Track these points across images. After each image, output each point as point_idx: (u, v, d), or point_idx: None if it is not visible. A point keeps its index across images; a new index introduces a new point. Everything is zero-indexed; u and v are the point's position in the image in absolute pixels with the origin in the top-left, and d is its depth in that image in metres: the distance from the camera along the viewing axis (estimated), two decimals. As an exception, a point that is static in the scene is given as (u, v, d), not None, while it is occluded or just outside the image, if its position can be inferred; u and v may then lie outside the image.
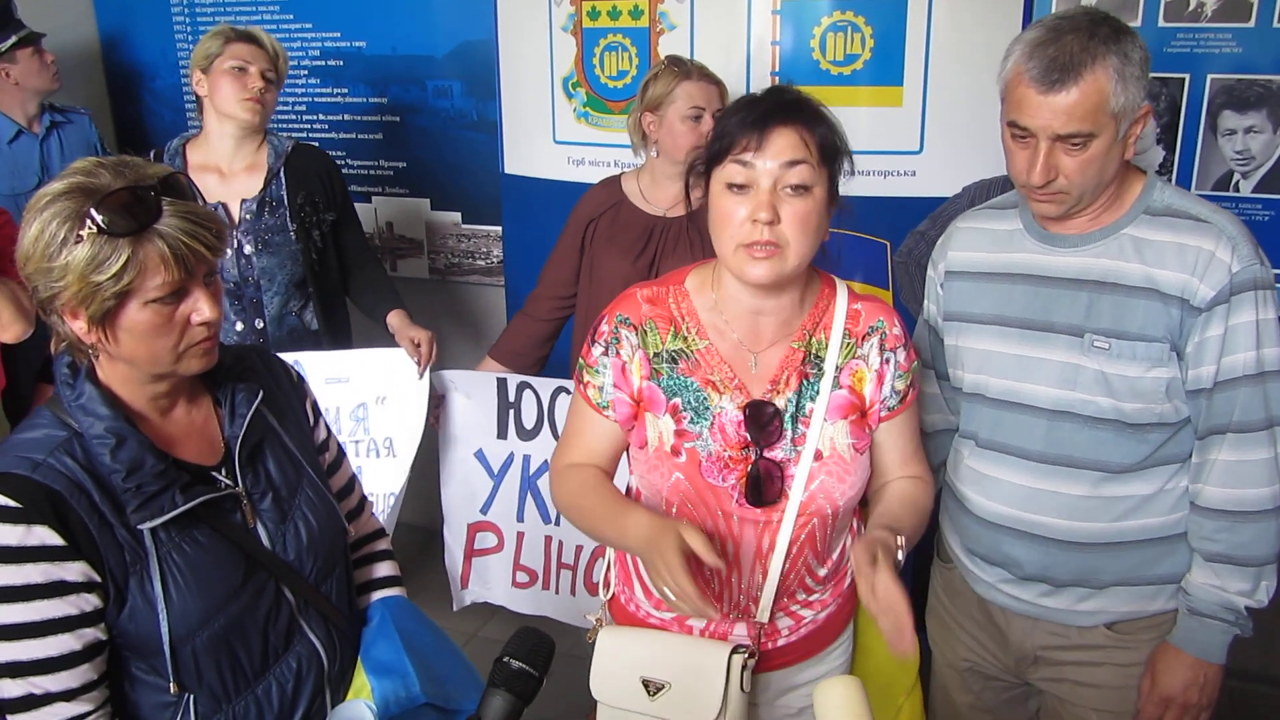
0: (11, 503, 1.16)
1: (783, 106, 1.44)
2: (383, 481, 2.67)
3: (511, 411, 2.74)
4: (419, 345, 2.63)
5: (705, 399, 1.54)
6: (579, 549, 2.76)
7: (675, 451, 1.55)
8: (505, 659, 1.23)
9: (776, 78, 2.72)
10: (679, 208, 2.47)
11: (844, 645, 1.72)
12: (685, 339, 1.56)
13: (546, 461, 2.57)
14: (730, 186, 1.44)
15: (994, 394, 1.71)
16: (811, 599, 1.63)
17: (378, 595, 1.59)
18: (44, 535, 1.16)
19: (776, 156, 1.41)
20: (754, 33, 2.72)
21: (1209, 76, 2.57)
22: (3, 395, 2.54)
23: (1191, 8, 2.53)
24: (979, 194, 2.46)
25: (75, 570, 1.18)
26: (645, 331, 1.57)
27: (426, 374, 2.66)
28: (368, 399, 2.68)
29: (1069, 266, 1.63)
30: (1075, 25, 1.49)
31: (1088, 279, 1.61)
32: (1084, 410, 1.62)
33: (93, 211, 1.16)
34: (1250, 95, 2.56)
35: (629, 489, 1.70)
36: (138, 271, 1.18)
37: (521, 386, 2.70)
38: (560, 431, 1.92)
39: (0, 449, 1.24)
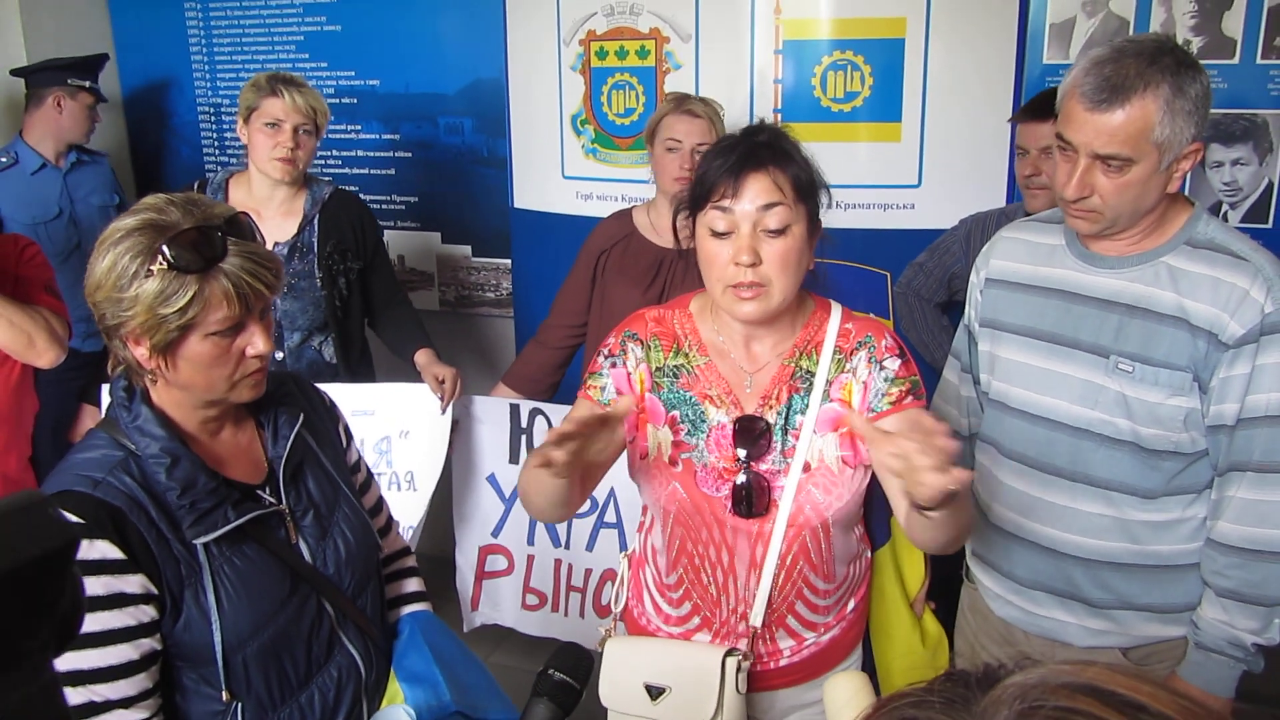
0: (74, 518, 1.22)
1: (755, 152, 1.50)
2: (403, 514, 2.70)
3: (524, 436, 2.80)
4: (443, 382, 2.68)
5: (702, 412, 1.61)
6: (588, 572, 2.82)
7: (673, 461, 1.62)
8: (549, 671, 1.30)
9: (779, 114, 2.81)
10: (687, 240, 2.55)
11: (852, 668, 1.74)
12: (686, 355, 1.64)
13: None
14: (713, 232, 1.52)
15: (1015, 404, 1.74)
16: (814, 619, 1.67)
17: (407, 610, 1.66)
18: (105, 549, 1.22)
19: (753, 201, 1.48)
20: (757, 71, 2.82)
21: (1195, 112, 2.66)
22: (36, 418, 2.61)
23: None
24: (975, 226, 2.55)
25: (134, 583, 1.24)
26: (650, 347, 1.66)
27: (449, 410, 2.72)
28: (391, 432, 2.74)
29: (1103, 287, 1.64)
30: (1140, 49, 1.50)
31: (1120, 301, 1.62)
32: (1103, 430, 1.64)
33: (164, 248, 1.23)
34: (1236, 129, 2.66)
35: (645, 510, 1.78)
36: (202, 306, 1.26)
37: (534, 412, 2.77)
38: None
39: (60, 468, 1.31)
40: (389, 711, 1.42)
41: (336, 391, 2.62)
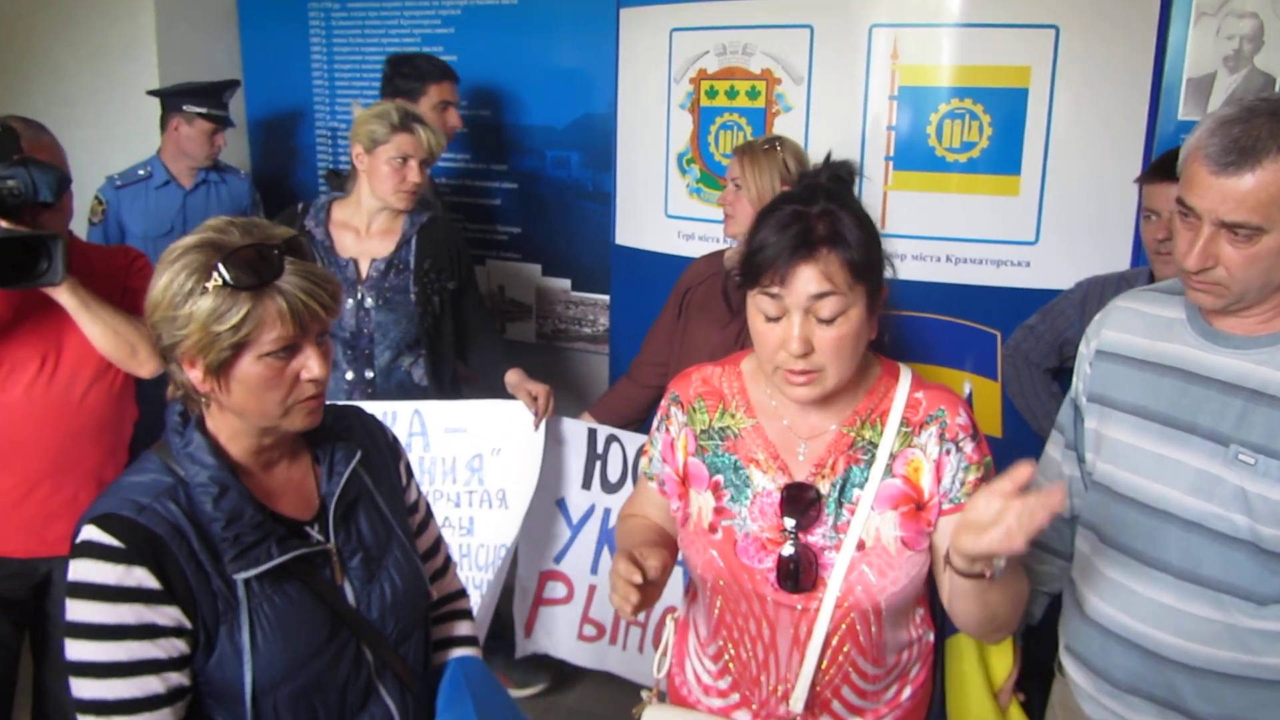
0: (115, 542, 1.20)
1: (804, 240, 1.38)
2: (495, 533, 2.71)
3: (599, 463, 2.77)
4: (536, 398, 2.68)
5: (747, 477, 1.52)
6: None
7: (712, 529, 1.53)
8: None
9: (890, 162, 2.71)
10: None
11: None
12: (732, 416, 1.56)
13: None
14: (764, 315, 1.42)
15: (1122, 489, 1.60)
16: (862, 704, 1.55)
17: (455, 653, 1.61)
18: (142, 577, 1.20)
19: (804, 290, 1.38)
20: (870, 117, 2.73)
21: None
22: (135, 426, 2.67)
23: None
24: (1093, 290, 2.40)
25: (167, 615, 1.22)
26: (694, 410, 1.59)
27: (542, 426, 2.70)
28: (484, 450, 2.73)
29: (1227, 368, 1.50)
30: (1273, 108, 1.37)
31: (1245, 385, 1.47)
32: (1217, 526, 1.49)
33: (220, 266, 1.22)
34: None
35: None
36: (255, 325, 1.24)
37: (610, 440, 2.73)
38: None
39: (109, 489, 1.30)
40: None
41: (429, 409, 2.71)
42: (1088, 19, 2.52)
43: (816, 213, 1.41)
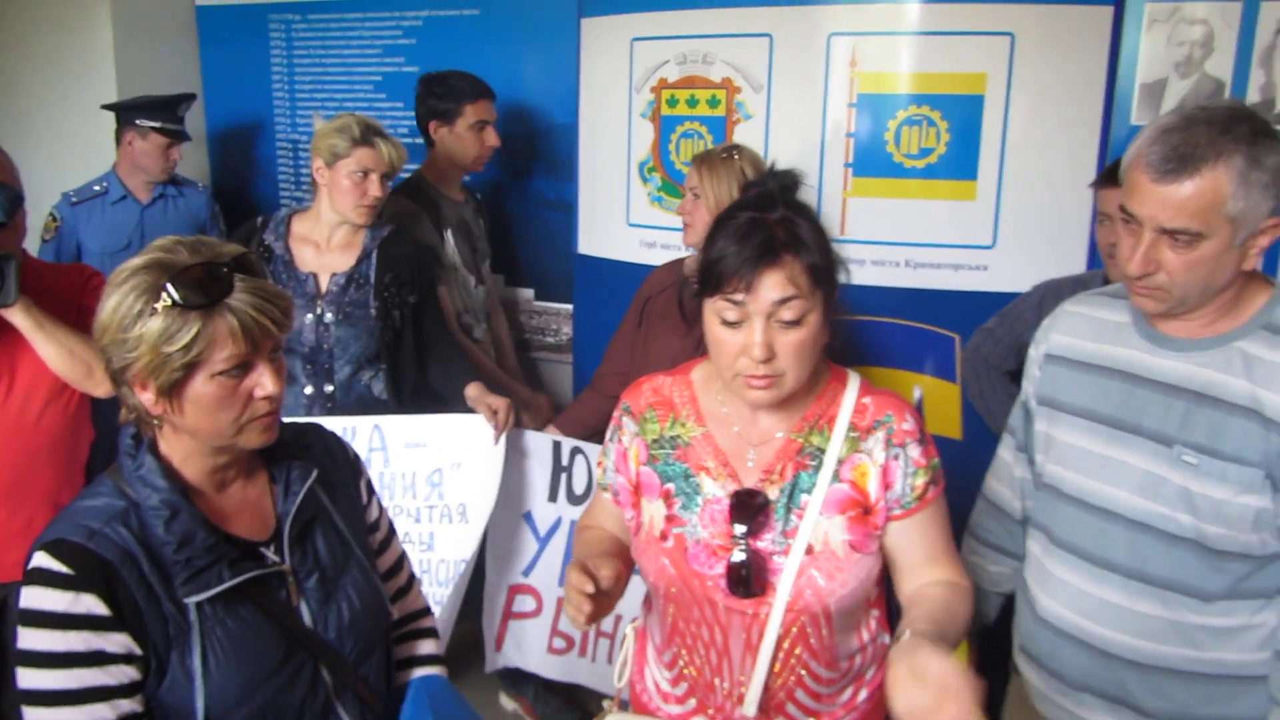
0: (65, 569, 1.19)
1: (768, 247, 1.39)
2: (455, 548, 2.69)
3: (564, 475, 2.76)
4: (496, 412, 2.66)
5: (697, 485, 1.53)
6: (618, 618, 2.74)
7: (664, 537, 1.54)
8: None
9: (850, 169, 2.73)
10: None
11: None
12: (683, 425, 1.57)
13: None
14: (723, 320, 1.43)
15: (1070, 490, 1.63)
16: (817, 707, 1.56)
17: (418, 672, 1.60)
18: (91, 604, 1.19)
19: (768, 296, 1.39)
20: (829, 124, 2.74)
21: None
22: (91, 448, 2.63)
23: (1278, 110, 2.48)
24: (1049, 293, 2.42)
25: (117, 641, 1.20)
26: (645, 420, 1.60)
27: (502, 440, 2.69)
28: (444, 464, 2.72)
29: (1170, 371, 1.53)
30: (1211, 117, 1.41)
31: (1187, 388, 1.51)
32: (1163, 525, 1.52)
33: (168, 285, 1.21)
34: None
35: None
36: (207, 344, 1.23)
37: (575, 451, 2.73)
38: None
39: (63, 514, 1.28)
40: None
41: (389, 424, 2.69)
42: (1042, 26, 2.55)
43: (775, 219, 1.42)
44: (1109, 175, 2.33)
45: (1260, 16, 2.46)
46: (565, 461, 2.75)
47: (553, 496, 2.78)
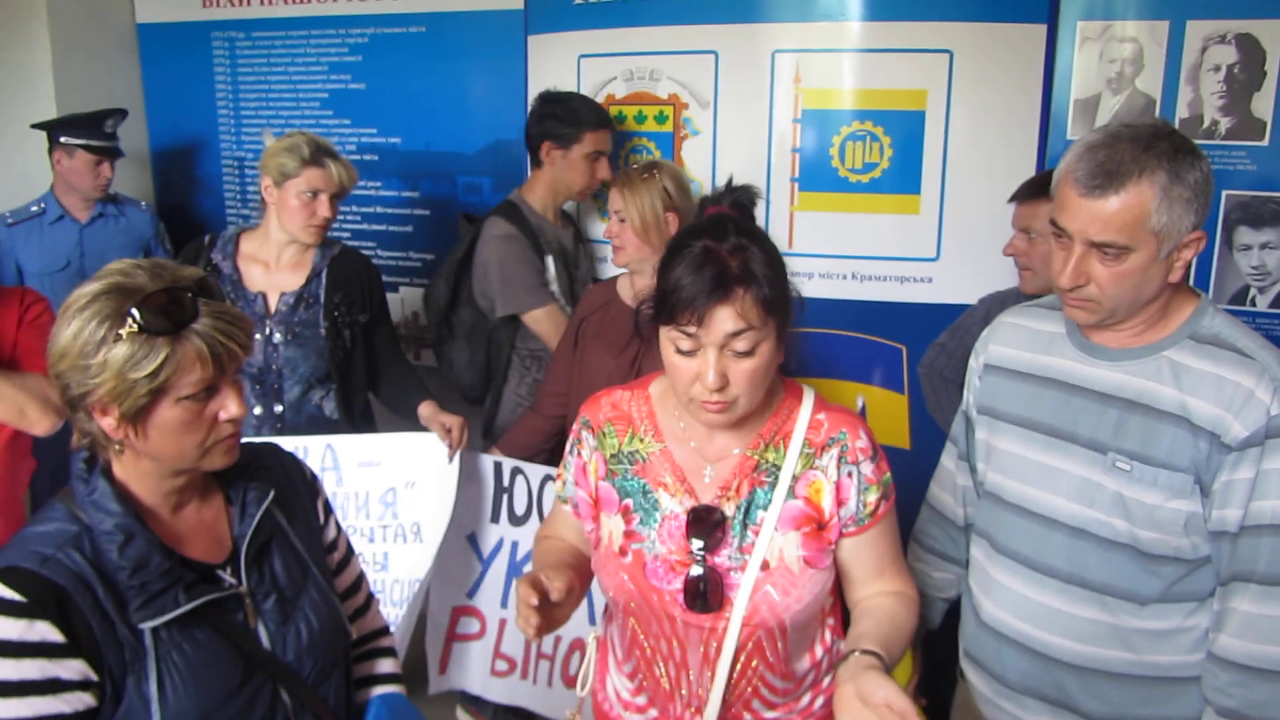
0: (17, 596, 1.17)
1: (720, 282, 1.39)
2: (409, 567, 2.67)
3: (505, 496, 2.76)
4: (450, 430, 2.65)
5: (655, 500, 1.55)
6: (558, 639, 2.74)
7: (622, 552, 1.56)
8: None
9: (796, 183, 2.77)
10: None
11: None
12: (641, 440, 1.59)
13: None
14: (678, 349, 1.44)
15: (1010, 498, 1.67)
16: (775, 716, 1.59)
17: (377, 691, 1.59)
18: (45, 631, 1.17)
19: (719, 329, 1.40)
20: (775, 140, 2.78)
21: (1224, 193, 2.59)
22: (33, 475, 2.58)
23: (1205, 125, 2.57)
24: (994, 305, 2.48)
25: (72, 668, 1.19)
26: (604, 434, 1.61)
27: (457, 459, 2.67)
28: (398, 484, 2.69)
29: (1103, 380, 1.57)
30: (1135, 134, 1.45)
31: (1120, 396, 1.55)
32: (1099, 531, 1.56)
33: (133, 311, 1.20)
34: (1265, 212, 2.58)
35: None
36: (175, 369, 1.22)
37: (515, 472, 2.73)
38: None
39: (14, 540, 1.26)
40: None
41: (342, 443, 2.67)
42: (980, 44, 2.62)
43: (728, 249, 1.42)
44: (1028, 188, 2.40)
45: (1187, 34, 2.55)
46: (506, 482, 2.75)
47: (495, 517, 2.77)
